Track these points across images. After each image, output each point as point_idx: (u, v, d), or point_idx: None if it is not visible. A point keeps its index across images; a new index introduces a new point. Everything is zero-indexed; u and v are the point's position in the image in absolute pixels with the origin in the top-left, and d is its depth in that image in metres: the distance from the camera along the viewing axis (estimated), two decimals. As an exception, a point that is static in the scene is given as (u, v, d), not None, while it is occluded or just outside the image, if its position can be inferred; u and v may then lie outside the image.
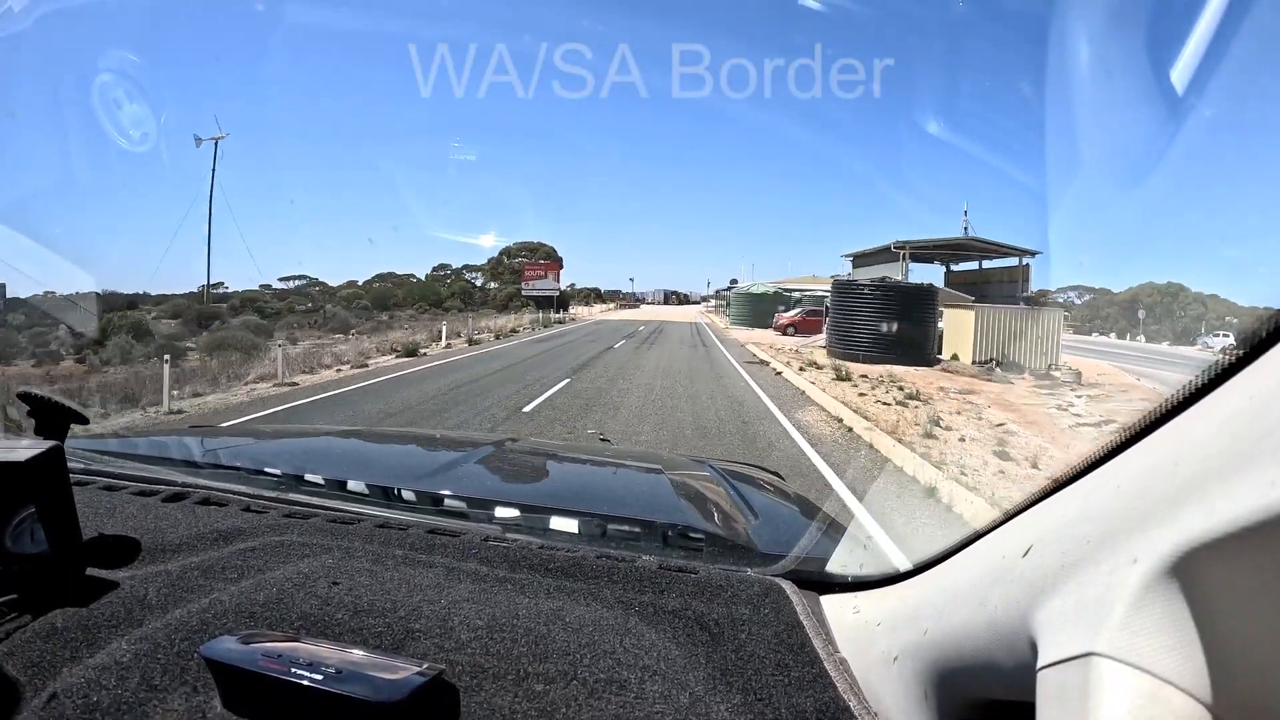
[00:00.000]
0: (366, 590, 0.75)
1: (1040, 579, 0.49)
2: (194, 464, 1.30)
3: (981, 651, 0.55)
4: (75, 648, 0.65)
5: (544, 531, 1.04)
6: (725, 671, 0.67)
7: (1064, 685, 0.43)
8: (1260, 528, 0.34)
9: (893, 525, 4.52)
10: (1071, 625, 0.44)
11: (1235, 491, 0.35)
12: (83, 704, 0.57)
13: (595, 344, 20.10)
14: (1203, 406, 0.42)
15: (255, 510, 1.00)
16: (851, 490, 5.51)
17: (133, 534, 0.88)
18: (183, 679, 0.61)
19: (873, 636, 0.73)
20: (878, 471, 6.40)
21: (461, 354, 16.99)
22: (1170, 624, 0.39)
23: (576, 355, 16.32)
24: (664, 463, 1.68)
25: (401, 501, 1.13)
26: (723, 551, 0.99)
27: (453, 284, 46.28)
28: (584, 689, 0.62)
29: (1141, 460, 0.46)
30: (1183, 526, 0.38)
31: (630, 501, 1.37)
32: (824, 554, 0.96)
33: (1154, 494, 0.41)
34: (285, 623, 0.69)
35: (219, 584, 0.76)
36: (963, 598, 0.60)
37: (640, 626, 0.73)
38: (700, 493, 1.38)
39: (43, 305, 16.26)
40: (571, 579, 0.83)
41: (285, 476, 1.18)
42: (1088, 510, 0.48)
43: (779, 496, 1.54)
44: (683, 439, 7.09)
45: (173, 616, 0.69)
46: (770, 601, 0.80)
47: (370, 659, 0.60)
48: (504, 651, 0.66)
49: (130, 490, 1.05)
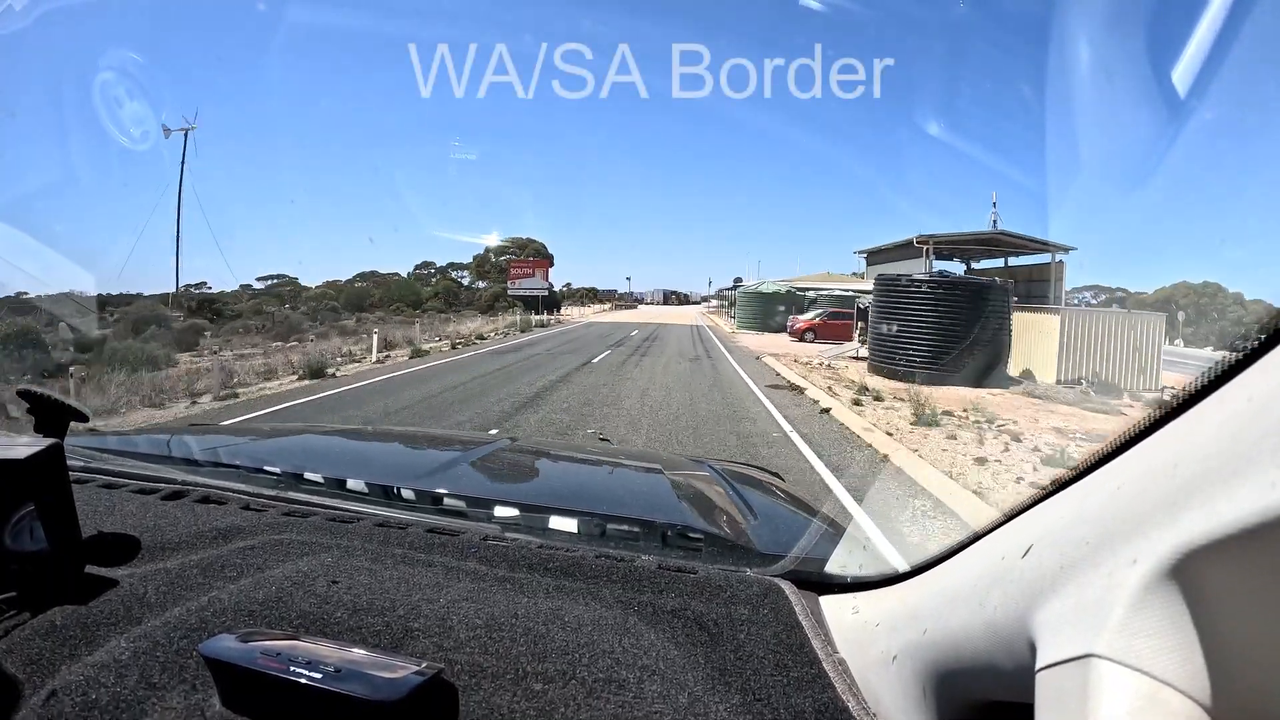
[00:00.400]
0: (365, 589, 0.75)
1: (1039, 580, 0.49)
2: (193, 462, 1.30)
3: (980, 652, 0.55)
4: (74, 645, 0.65)
5: (543, 531, 1.04)
6: (724, 671, 0.67)
7: (1063, 687, 0.43)
8: (1260, 530, 0.34)
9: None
10: (1070, 627, 0.44)
11: (1235, 493, 0.35)
12: (81, 702, 0.57)
13: (571, 357, 15.42)
14: (1202, 409, 0.42)
15: (254, 509, 1.00)
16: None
17: (132, 532, 0.88)
18: (181, 677, 0.61)
19: (872, 637, 0.73)
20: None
21: (388, 373, 12.54)
22: (1169, 626, 0.39)
23: (536, 377, 11.62)
24: (663, 462, 1.68)
25: (401, 500, 1.13)
26: (722, 551, 0.99)
27: (437, 283, 44.25)
28: (583, 688, 0.62)
29: (1141, 462, 0.46)
30: (1182, 528, 0.38)
31: (629, 501, 1.37)
32: (823, 554, 0.96)
33: (1153, 495, 0.41)
34: (284, 621, 0.69)
35: (218, 582, 0.76)
36: (962, 599, 0.60)
37: (639, 626, 0.73)
38: (700, 493, 1.38)
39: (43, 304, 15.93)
40: (571, 578, 0.83)
41: (284, 475, 1.18)
42: (1087, 511, 0.48)
43: (778, 497, 1.54)
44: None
45: (172, 615, 0.69)
46: (769, 602, 0.80)
47: (369, 658, 0.60)
48: (503, 651, 0.66)
49: (129, 488, 1.05)
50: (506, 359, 15.24)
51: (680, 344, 20.26)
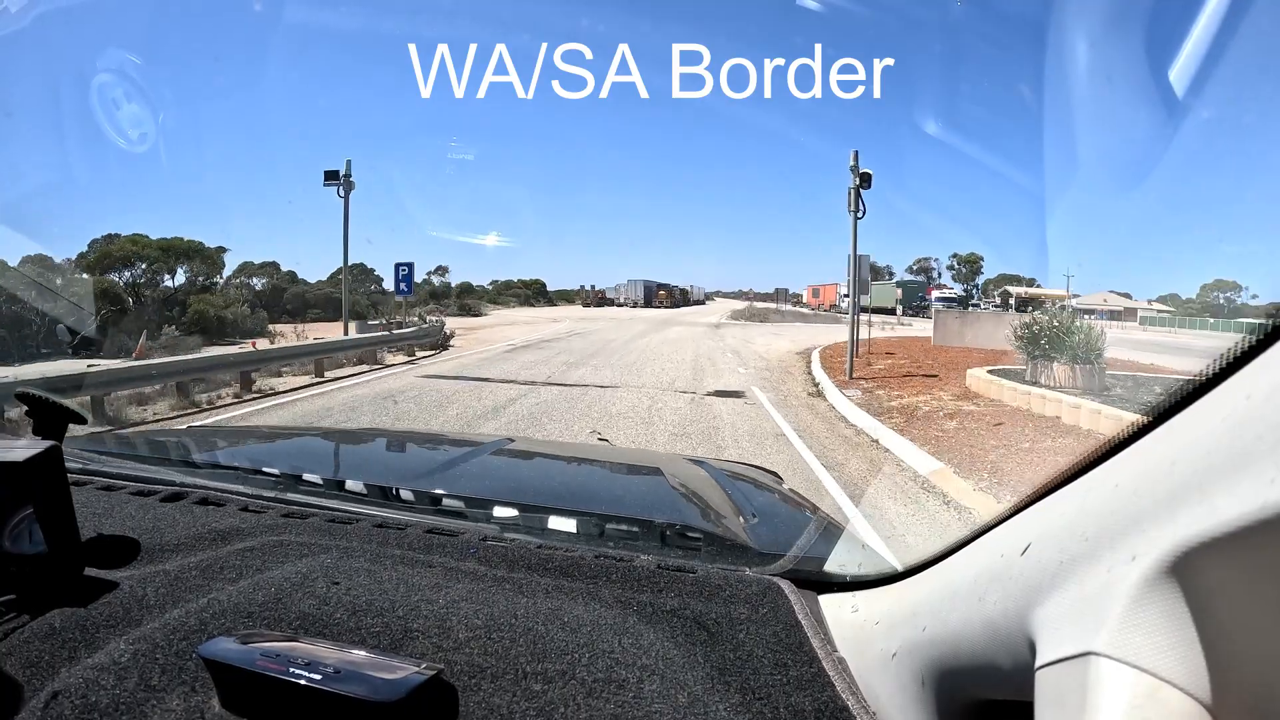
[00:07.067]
0: (364, 590, 0.75)
1: (1039, 577, 0.49)
2: (192, 464, 1.30)
3: (980, 650, 0.55)
4: (73, 648, 0.65)
5: (542, 531, 1.04)
6: (723, 671, 0.67)
7: (1062, 684, 0.43)
8: (1260, 526, 0.34)
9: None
10: (1070, 624, 0.44)
11: (1235, 489, 0.35)
12: (81, 704, 0.57)
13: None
14: (1200, 406, 0.42)
15: (253, 510, 1.00)
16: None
17: (131, 534, 0.88)
18: (181, 679, 0.61)
19: (871, 635, 0.73)
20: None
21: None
22: (1169, 623, 0.39)
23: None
24: (662, 462, 1.68)
25: (399, 501, 1.13)
26: (721, 551, 0.99)
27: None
28: (582, 688, 0.62)
29: (1140, 458, 0.46)
30: (1182, 525, 0.38)
31: (628, 501, 1.37)
32: (822, 553, 0.96)
33: (1152, 492, 0.41)
34: (283, 622, 0.69)
35: (217, 584, 0.76)
36: (961, 596, 0.60)
37: (638, 626, 0.73)
38: (698, 492, 1.38)
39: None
40: (570, 578, 0.83)
41: (283, 476, 1.18)
42: (1086, 508, 0.48)
43: (777, 496, 1.54)
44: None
45: (171, 616, 0.69)
46: (768, 601, 0.80)
47: (368, 658, 0.60)
48: (502, 651, 0.66)
49: (128, 490, 1.05)
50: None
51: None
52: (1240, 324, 12.98)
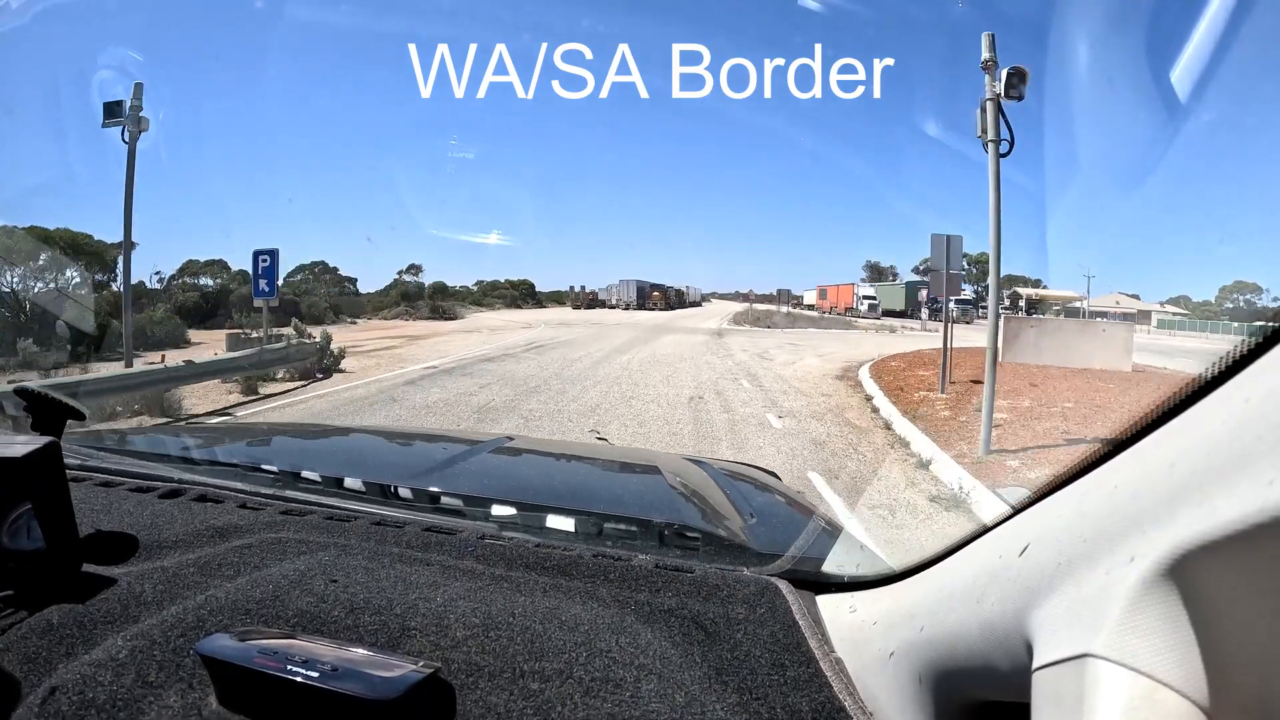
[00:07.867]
0: (362, 588, 0.75)
1: (1037, 578, 0.49)
2: (190, 460, 1.30)
3: (977, 651, 0.55)
4: (71, 644, 0.65)
5: (540, 530, 1.04)
6: (721, 671, 0.67)
7: (1059, 686, 0.43)
8: (1258, 529, 0.34)
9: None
10: (1067, 626, 0.44)
11: (1233, 492, 0.35)
12: (78, 700, 0.57)
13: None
14: (1199, 409, 0.42)
15: (252, 507, 1.00)
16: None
17: (129, 530, 0.88)
18: (178, 676, 0.61)
19: (869, 636, 0.73)
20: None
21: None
22: (1167, 625, 0.39)
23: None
24: (661, 462, 1.68)
25: (398, 499, 1.13)
26: (719, 551, 0.99)
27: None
28: (579, 687, 0.62)
29: (1139, 460, 0.46)
30: (1180, 527, 0.38)
31: (626, 500, 1.37)
32: (820, 554, 0.96)
33: (1151, 494, 0.41)
34: (281, 620, 0.69)
35: (215, 581, 0.76)
36: (959, 597, 0.60)
37: (636, 625, 0.73)
38: (697, 492, 1.38)
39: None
40: (567, 577, 0.83)
41: (281, 473, 1.18)
42: (1085, 510, 0.48)
43: (776, 496, 1.54)
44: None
45: (169, 613, 0.69)
46: (766, 601, 0.80)
47: (366, 656, 0.60)
48: (500, 649, 0.66)
49: (126, 486, 1.05)
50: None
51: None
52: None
